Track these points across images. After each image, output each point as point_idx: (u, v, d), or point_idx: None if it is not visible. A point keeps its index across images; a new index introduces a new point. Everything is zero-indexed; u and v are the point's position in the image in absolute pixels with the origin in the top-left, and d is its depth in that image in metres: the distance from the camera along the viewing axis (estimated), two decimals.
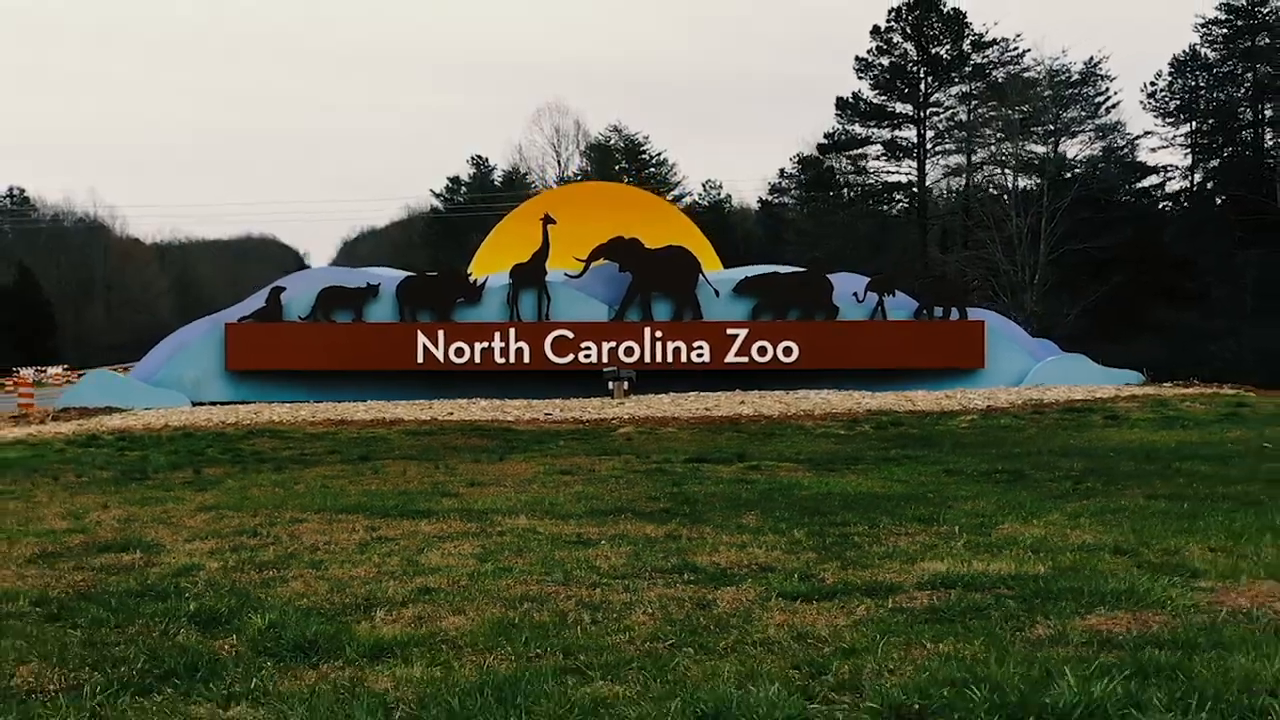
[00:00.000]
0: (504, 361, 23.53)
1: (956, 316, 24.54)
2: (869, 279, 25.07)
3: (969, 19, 58.10)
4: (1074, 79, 54.19)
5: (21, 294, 67.59)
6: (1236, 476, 10.89)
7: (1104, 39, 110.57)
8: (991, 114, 53.13)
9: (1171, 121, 55.93)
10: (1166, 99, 55.65)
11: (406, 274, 25.83)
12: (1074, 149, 54.60)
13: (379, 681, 4.53)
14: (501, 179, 77.49)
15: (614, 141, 72.71)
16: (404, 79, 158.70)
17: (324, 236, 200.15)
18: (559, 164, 70.10)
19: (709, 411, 19.72)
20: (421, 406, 21.15)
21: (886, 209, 61.83)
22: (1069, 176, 49.24)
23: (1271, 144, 53.37)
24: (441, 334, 23.53)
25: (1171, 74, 55.43)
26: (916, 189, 60.02)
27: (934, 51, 58.16)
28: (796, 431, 16.74)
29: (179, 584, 6.45)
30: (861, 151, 61.03)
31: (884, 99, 59.53)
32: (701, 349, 23.65)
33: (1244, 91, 54.29)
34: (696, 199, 71.76)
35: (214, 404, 22.52)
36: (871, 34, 58.72)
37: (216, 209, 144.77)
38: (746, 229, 69.01)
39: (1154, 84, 55.85)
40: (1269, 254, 47.17)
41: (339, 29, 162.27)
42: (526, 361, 23.54)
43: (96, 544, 7.93)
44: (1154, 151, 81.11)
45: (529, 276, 24.13)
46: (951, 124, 58.69)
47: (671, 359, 23.63)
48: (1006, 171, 52.66)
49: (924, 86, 58.83)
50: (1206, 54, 54.54)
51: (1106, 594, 5.72)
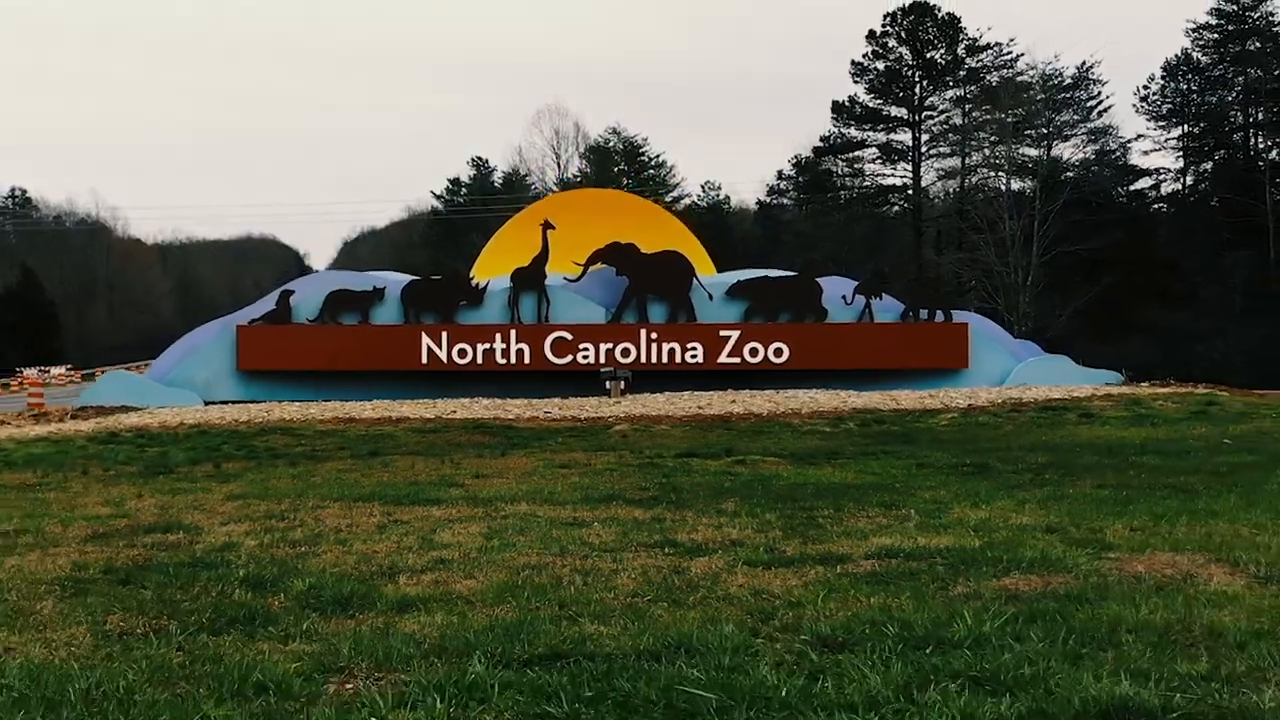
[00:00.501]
0: (505, 362, 24.14)
1: (941, 319, 25.22)
2: (857, 282, 25.88)
3: (963, 24, 59.03)
4: (1067, 83, 54.98)
5: (24, 295, 68.27)
6: (1184, 469, 11.47)
7: (1097, 43, 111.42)
8: (985, 117, 53.74)
9: (1163, 125, 56.68)
10: (1159, 102, 56.40)
11: (411, 277, 26.45)
12: (1067, 152, 55.41)
13: (407, 626, 5.48)
14: (501, 180, 78.28)
15: (613, 144, 73.53)
16: (404, 79, 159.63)
17: (324, 237, 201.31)
18: (558, 166, 71.00)
19: (701, 410, 20.20)
20: (426, 405, 21.60)
21: (882, 211, 62.62)
22: (1062, 179, 49.98)
23: (1262, 147, 54.14)
24: (445, 335, 24.11)
25: (1164, 78, 56.18)
26: (911, 191, 60.83)
27: (929, 56, 58.94)
28: (784, 429, 17.26)
29: (224, 557, 7.37)
30: (857, 154, 61.85)
31: (879, 103, 60.34)
32: (695, 350, 24.28)
33: (1235, 95, 55.05)
34: (695, 200, 72.55)
35: (226, 403, 23.01)
36: (867, 38, 59.57)
37: (217, 209, 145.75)
38: (745, 230, 69.77)
39: (1146, 87, 56.69)
40: (1257, 255, 48.02)
41: (339, 29, 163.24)
42: (527, 362, 24.16)
43: (141, 526, 8.77)
44: (1146, 154, 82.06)
45: (529, 280, 24.71)
46: (946, 127, 59.47)
47: (666, 360, 24.22)
48: (1000, 174, 53.51)
49: (919, 90, 59.62)
50: (1198, 58, 55.28)
51: (1023, 561, 6.65)
